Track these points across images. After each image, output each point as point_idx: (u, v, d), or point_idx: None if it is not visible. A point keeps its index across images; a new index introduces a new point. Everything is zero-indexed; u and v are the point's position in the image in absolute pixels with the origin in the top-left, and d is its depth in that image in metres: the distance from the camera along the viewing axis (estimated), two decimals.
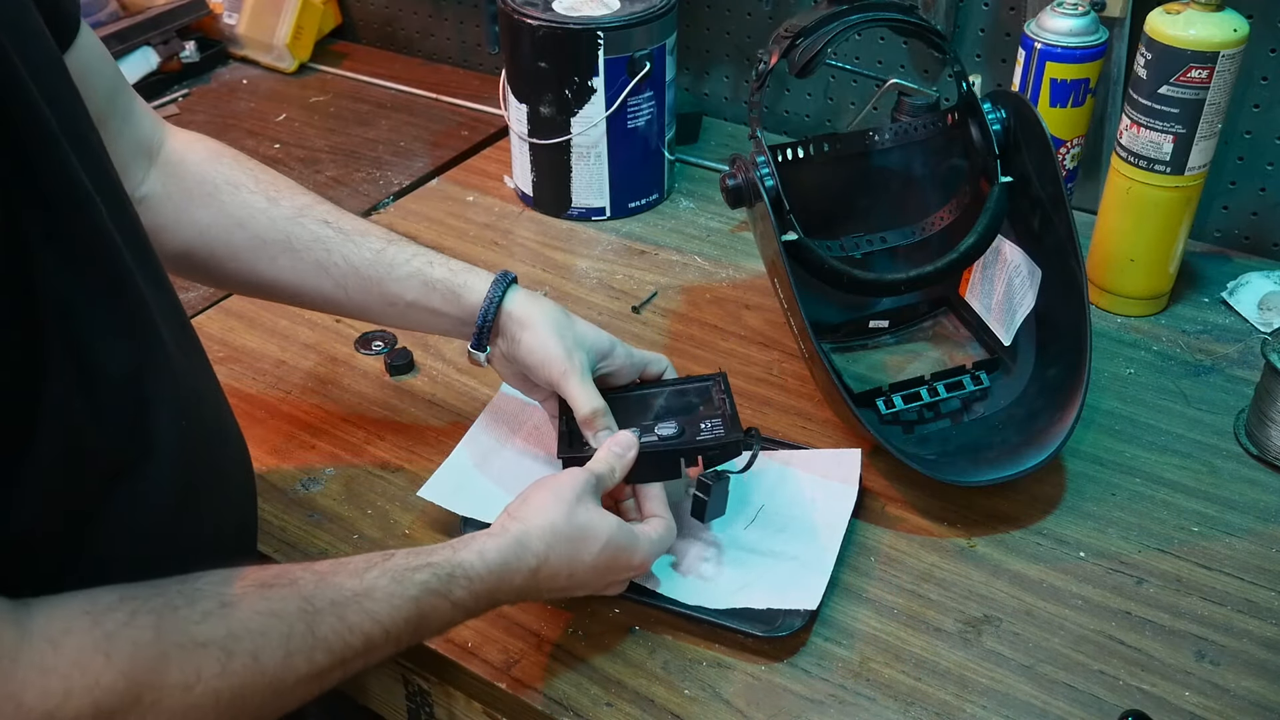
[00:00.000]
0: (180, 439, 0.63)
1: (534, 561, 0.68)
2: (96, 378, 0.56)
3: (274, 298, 0.87)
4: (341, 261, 0.82)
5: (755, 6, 1.35)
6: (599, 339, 0.83)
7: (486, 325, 0.82)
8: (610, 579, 0.73)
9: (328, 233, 0.83)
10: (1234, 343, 1.03)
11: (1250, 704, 0.71)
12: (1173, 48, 0.94)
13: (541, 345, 0.80)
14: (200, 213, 0.81)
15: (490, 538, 0.68)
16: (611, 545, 0.71)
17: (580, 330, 0.82)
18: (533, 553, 0.68)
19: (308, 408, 0.97)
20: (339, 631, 0.60)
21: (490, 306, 0.82)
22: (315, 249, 0.82)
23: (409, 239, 0.85)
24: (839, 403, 0.87)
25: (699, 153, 1.35)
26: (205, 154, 0.84)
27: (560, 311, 0.83)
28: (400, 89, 1.55)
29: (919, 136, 1.02)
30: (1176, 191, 1.00)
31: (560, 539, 0.70)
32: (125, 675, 0.51)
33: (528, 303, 0.82)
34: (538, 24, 1.13)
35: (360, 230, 0.84)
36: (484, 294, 0.82)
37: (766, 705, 0.71)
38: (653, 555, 0.74)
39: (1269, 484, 0.88)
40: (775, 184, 0.89)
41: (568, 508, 0.70)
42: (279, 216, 0.82)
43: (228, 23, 1.62)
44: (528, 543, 0.69)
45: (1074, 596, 0.78)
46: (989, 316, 1.01)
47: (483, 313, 0.82)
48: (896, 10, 0.93)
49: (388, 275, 0.82)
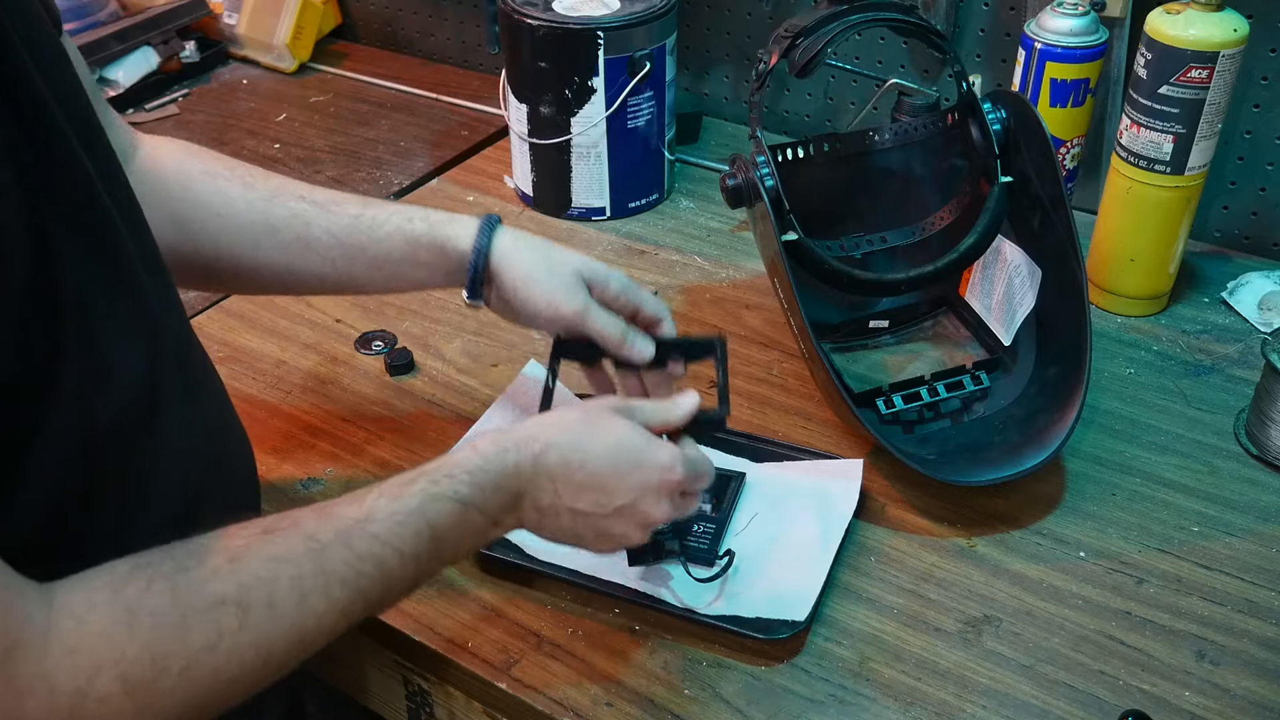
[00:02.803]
0: (186, 434, 0.63)
1: (536, 445, 0.66)
2: (108, 369, 0.56)
3: (264, 288, 0.86)
4: (322, 234, 0.82)
5: (755, 6, 1.35)
6: (593, 268, 0.82)
7: (478, 275, 0.81)
8: (639, 486, 0.68)
9: (304, 207, 0.82)
10: (1234, 343, 1.03)
11: (1250, 704, 0.71)
12: (1173, 48, 0.94)
13: (543, 293, 0.80)
14: (179, 209, 0.80)
15: (489, 435, 0.67)
16: (626, 442, 0.67)
17: (573, 264, 0.82)
18: (535, 438, 0.66)
19: (308, 408, 0.97)
20: (349, 562, 0.59)
21: (479, 257, 0.81)
22: (295, 225, 0.82)
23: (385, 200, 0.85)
24: (839, 403, 0.87)
25: (699, 153, 1.35)
26: (178, 151, 0.84)
27: (547, 249, 0.83)
28: (400, 89, 1.55)
29: (919, 136, 1.02)
30: (1176, 191, 1.00)
31: (568, 428, 0.67)
32: (149, 646, 0.51)
33: (516, 247, 0.82)
34: (538, 24, 1.13)
35: (336, 200, 0.83)
36: (470, 243, 0.81)
37: (766, 705, 0.71)
38: (685, 462, 0.69)
39: (1269, 484, 0.88)
40: (775, 184, 0.89)
41: (583, 410, 0.69)
42: (255, 199, 0.82)
43: (228, 23, 1.62)
44: (531, 430, 0.66)
45: (1074, 596, 0.78)
46: (989, 316, 1.01)
47: (472, 264, 0.81)
48: (896, 10, 0.93)
49: (369, 238, 0.82)
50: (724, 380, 0.79)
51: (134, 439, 0.59)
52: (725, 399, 0.78)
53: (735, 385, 0.99)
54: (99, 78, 1.48)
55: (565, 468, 0.66)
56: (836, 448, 0.91)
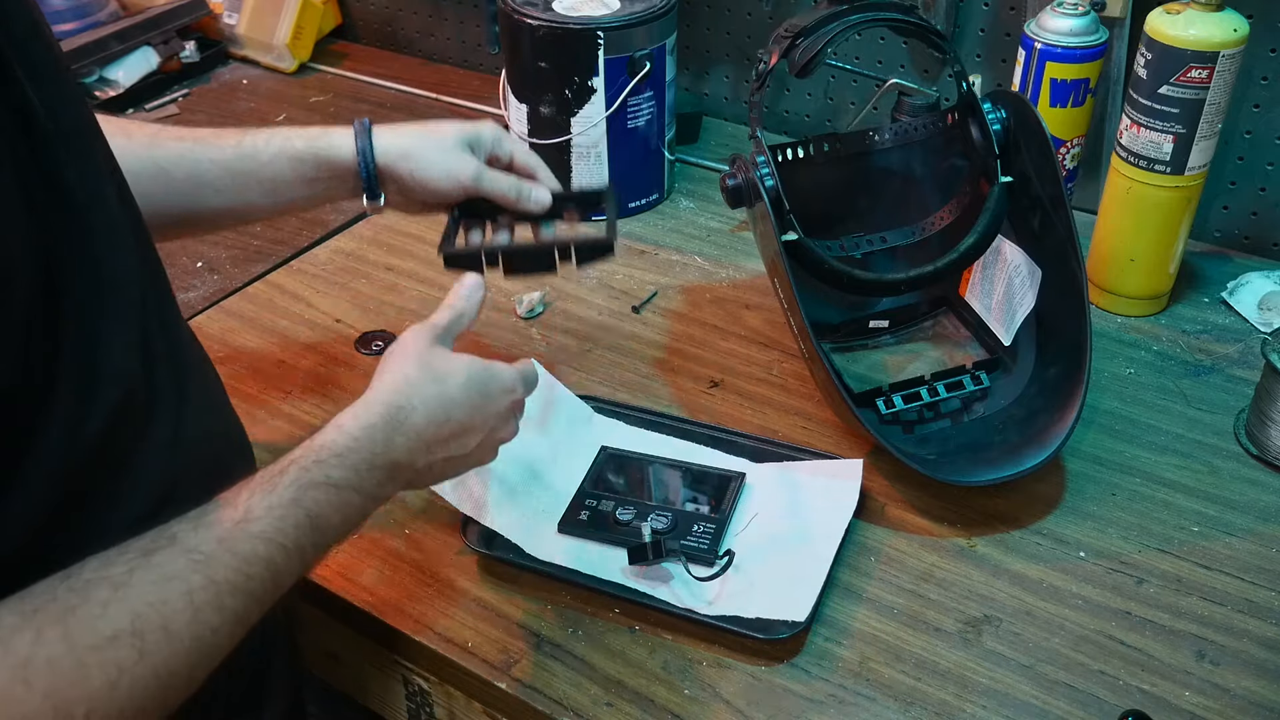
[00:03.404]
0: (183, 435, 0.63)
1: (400, 414, 0.67)
2: (104, 370, 0.56)
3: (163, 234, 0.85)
4: (210, 165, 0.83)
5: (755, 6, 1.35)
6: (471, 132, 0.87)
7: (371, 176, 0.85)
8: (494, 415, 0.72)
9: (186, 146, 0.84)
10: (1234, 343, 1.03)
11: (1250, 704, 0.71)
12: (1173, 48, 0.94)
13: (438, 169, 0.85)
14: None
15: (346, 410, 0.67)
16: (474, 378, 0.71)
17: (453, 133, 0.87)
18: (396, 405, 0.67)
19: (308, 408, 0.97)
20: (237, 568, 0.57)
21: (366, 158, 0.85)
22: (183, 164, 0.83)
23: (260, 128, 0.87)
24: (839, 403, 0.87)
25: (699, 153, 1.35)
26: None
27: (424, 129, 0.87)
28: (400, 89, 1.55)
29: (919, 136, 1.02)
30: (1176, 191, 1.00)
31: (419, 384, 0.69)
32: (49, 697, 0.49)
33: (397, 137, 0.86)
34: (538, 24, 1.13)
35: (214, 133, 0.85)
36: (352, 148, 0.85)
37: (766, 705, 0.71)
38: (522, 380, 0.75)
39: (1269, 484, 0.88)
40: (775, 184, 0.89)
41: (417, 358, 0.70)
42: (137, 147, 0.82)
43: (228, 23, 1.62)
44: (386, 398, 0.67)
45: (1074, 596, 0.78)
46: (989, 316, 1.01)
47: (362, 166, 0.85)
48: (896, 10, 0.93)
49: (255, 163, 0.84)
50: (614, 214, 0.89)
51: (129, 440, 0.59)
52: (613, 228, 0.87)
53: (736, 385, 0.99)
54: (98, 78, 1.48)
55: (433, 425, 0.68)
56: (836, 448, 0.91)
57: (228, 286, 1.14)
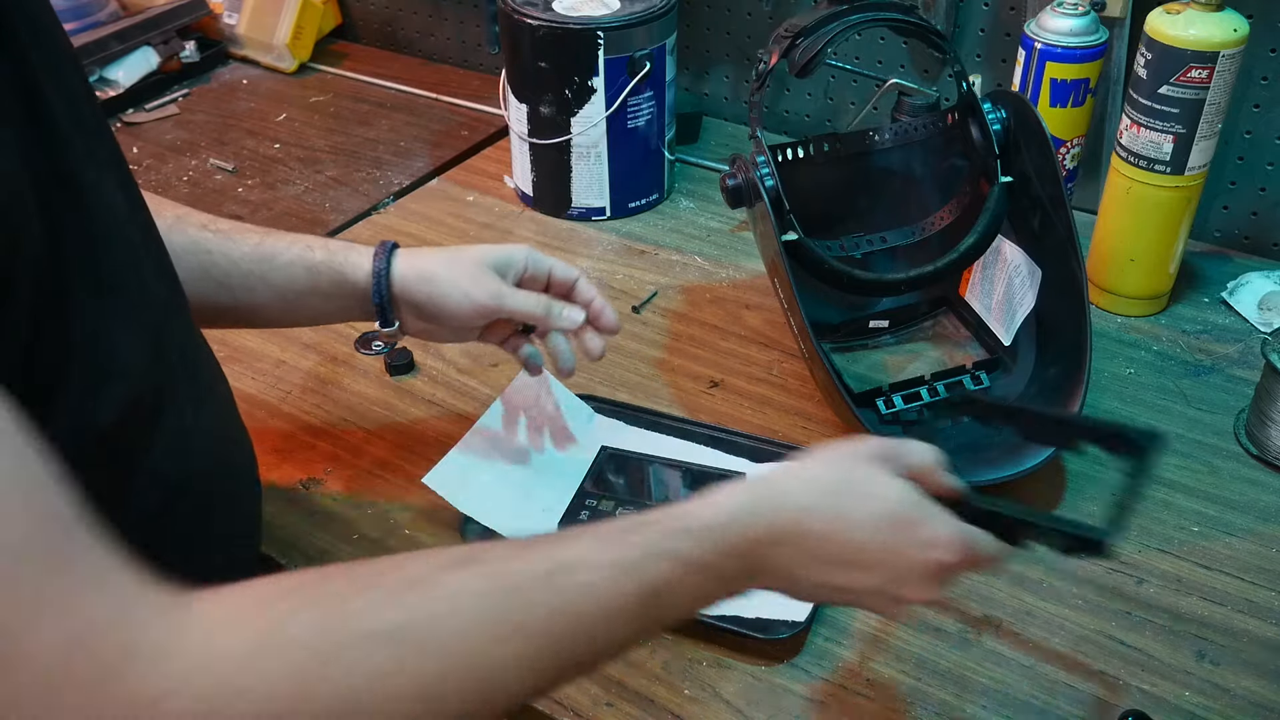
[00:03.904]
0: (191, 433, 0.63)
1: (788, 516, 0.56)
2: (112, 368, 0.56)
3: None
4: (223, 259, 0.80)
5: (755, 6, 1.35)
6: (498, 255, 0.82)
7: (384, 298, 0.81)
8: (903, 565, 0.58)
9: (205, 235, 0.81)
10: (1234, 343, 1.03)
11: (1250, 704, 0.71)
12: (1173, 48, 0.94)
13: (454, 290, 0.79)
14: None
15: (726, 486, 0.58)
16: (901, 512, 0.57)
17: (476, 256, 0.81)
18: (786, 505, 0.56)
19: (308, 408, 0.97)
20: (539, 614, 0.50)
21: (380, 280, 0.80)
22: (196, 253, 0.80)
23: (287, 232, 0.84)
24: (839, 402, 0.87)
25: (699, 153, 1.35)
26: None
27: (448, 251, 0.82)
28: (400, 89, 1.55)
29: (919, 136, 1.02)
30: (1176, 191, 1.00)
31: (825, 490, 0.57)
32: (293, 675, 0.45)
33: (415, 259, 0.81)
34: (538, 24, 1.13)
35: (237, 228, 0.82)
36: (368, 269, 0.80)
37: (766, 705, 0.71)
38: (963, 544, 0.59)
39: (1269, 484, 0.88)
40: (775, 184, 0.89)
41: (839, 461, 0.59)
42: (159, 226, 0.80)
43: (228, 23, 1.62)
44: (782, 490, 0.57)
45: (1074, 596, 0.78)
46: (989, 316, 1.01)
47: (375, 289, 0.80)
48: (896, 10, 0.93)
49: (270, 267, 0.80)
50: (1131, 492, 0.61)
51: (140, 434, 0.59)
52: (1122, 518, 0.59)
53: (736, 385, 0.98)
54: (98, 78, 1.48)
55: (821, 541, 0.57)
56: None
57: None
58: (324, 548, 0.83)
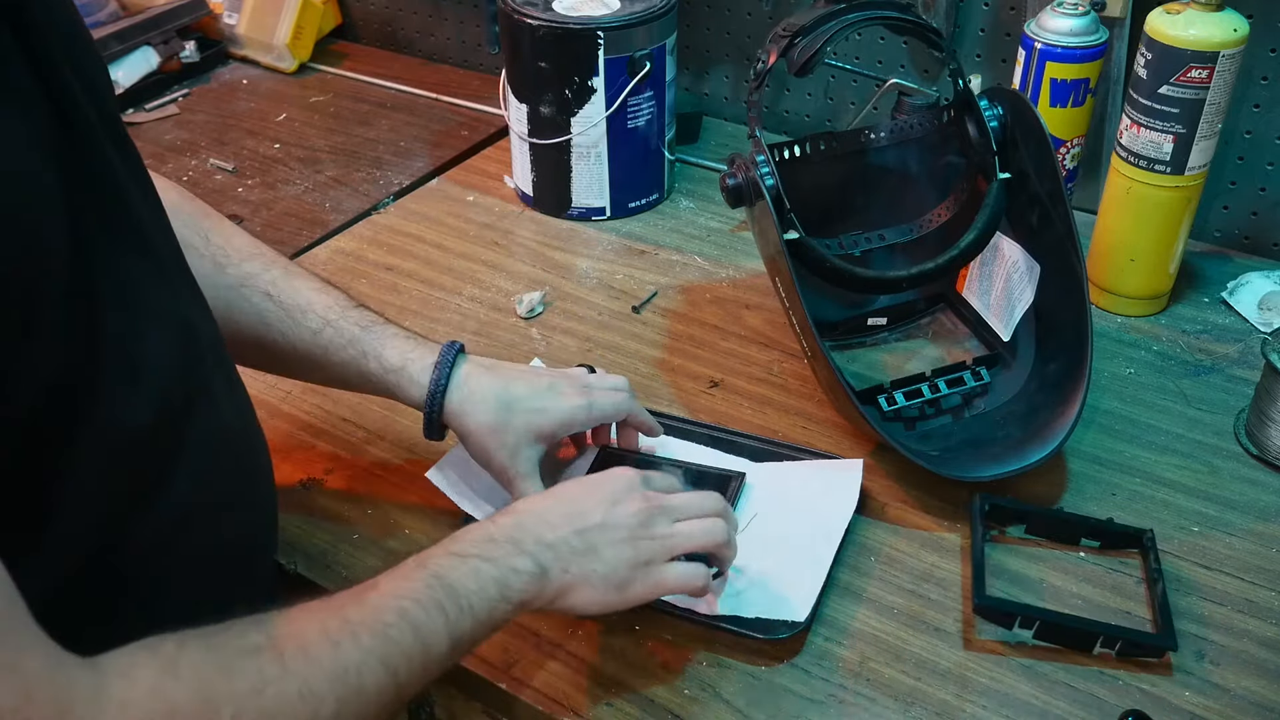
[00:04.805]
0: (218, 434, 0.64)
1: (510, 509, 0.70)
2: (142, 368, 0.57)
3: None
4: (280, 339, 0.80)
5: (755, 6, 1.35)
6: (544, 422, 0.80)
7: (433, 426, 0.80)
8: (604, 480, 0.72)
9: (268, 306, 0.80)
10: (1234, 343, 1.03)
11: (1250, 704, 0.71)
12: (1173, 48, 0.94)
13: (482, 451, 0.80)
14: None
15: None
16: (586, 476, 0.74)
17: (530, 424, 0.79)
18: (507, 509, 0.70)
19: (308, 408, 0.97)
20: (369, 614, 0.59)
21: (433, 410, 0.79)
22: (255, 323, 0.80)
23: (356, 306, 0.82)
24: (842, 399, 0.87)
25: (699, 153, 1.35)
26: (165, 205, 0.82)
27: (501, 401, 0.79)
28: (400, 89, 1.55)
29: (916, 134, 1.02)
30: (1176, 191, 1.00)
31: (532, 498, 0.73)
32: (197, 691, 0.51)
33: (467, 399, 0.79)
34: (538, 24, 1.13)
35: (301, 305, 0.80)
36: (422, 394, 0.79)
37: (766, 705, 0.71)
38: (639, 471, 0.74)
39: (1269, 484, 0.88)
40: (775, 183, 0.89)
41: None
42: (222, 285, 0.79)
43: (228, 23, 1.62)
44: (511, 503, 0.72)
45: (1074, 596, 0.78)
46: (988, 312, 1.01)
47: (426, 417, 0.80)
48: (895, 9, 0.93)
49: (325, 359, 0.81)
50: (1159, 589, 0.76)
51: (171, 438, 0.60)
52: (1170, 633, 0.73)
53: (736, 385, 0.99)
54: None
55: (537, 500, 0.71)
56: (837, 447, 0.91)
57: None
58: (324, 548, 0.83)
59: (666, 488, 0.74)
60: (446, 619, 0.61)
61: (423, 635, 0.60)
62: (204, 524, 0.64)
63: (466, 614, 0.63)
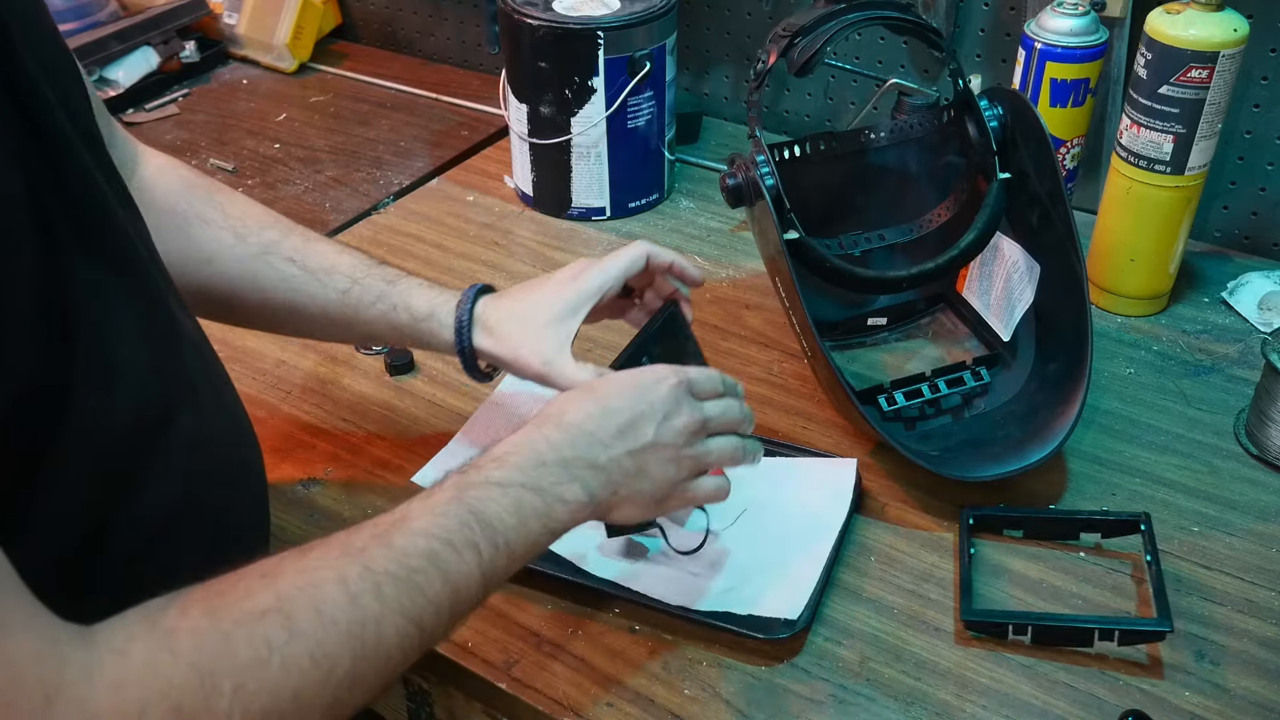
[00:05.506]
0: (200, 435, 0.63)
1: (554, 416, 0.66)
2: (117, 371, 0.56)
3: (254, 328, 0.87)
4: (309, 301, 0.81)
5: (755, 6, 1.35)
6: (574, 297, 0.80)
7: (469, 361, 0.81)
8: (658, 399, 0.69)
9: (293, 271, 0.81)
10: (1234, 343, 1.03)
11: (1250, 704, 0.71)
12: (1173, 48, 0.94)
13: (511, 352, 0.79)
14: (172, 245, 0.79)
15: None
16: (624, 377, 0.70)
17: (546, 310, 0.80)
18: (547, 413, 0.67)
19: (308, 408, 0.97)
20: (396, 559, 0.56)
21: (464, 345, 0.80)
22: (283, 290, 0.81)
23: (378, 264, 0.83)
24: (842, 399, 0.87)
25: (699, 153, 1.35)
26: (177, 184, 0.82)
27: (531, 299, 0.81)
28: (400, 89, 1.55)
29: (916, 134, 1.02)
30: (1176, 191, 1.00)
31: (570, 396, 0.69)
32: (194, 667, 0.49)
33: (488, 317, 0.80)
34: (538, 24, 1.13)
35: (326, 267, 0.82)
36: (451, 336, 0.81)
37: (766, 705, 0.71)
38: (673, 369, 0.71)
39: (1269, 484, 0.88)
40: (775, 183, 0.89)
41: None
42: (245, 255, 0.80)
43: (228, 23, 1.62)
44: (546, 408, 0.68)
45: (1074, 596, 0.78)
46: (988, 312, 1.01)
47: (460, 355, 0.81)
48: (895, 9, 0.93)
49: (356, 317, 0.82)
50: None
51: (150, 441, 0.59)
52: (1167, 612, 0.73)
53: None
54: (98, 78, 1.48)
55: (591, 418, 0.67)
56: (837, 447, 0.91)
57: None
58: None
59: (708, 390, 0.73)
60: (480, 559, 0.59)
61: (452, 579, 0.57)
62: (189, 528, 0.63)
63: (502, 552, 0.60)
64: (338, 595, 0.53)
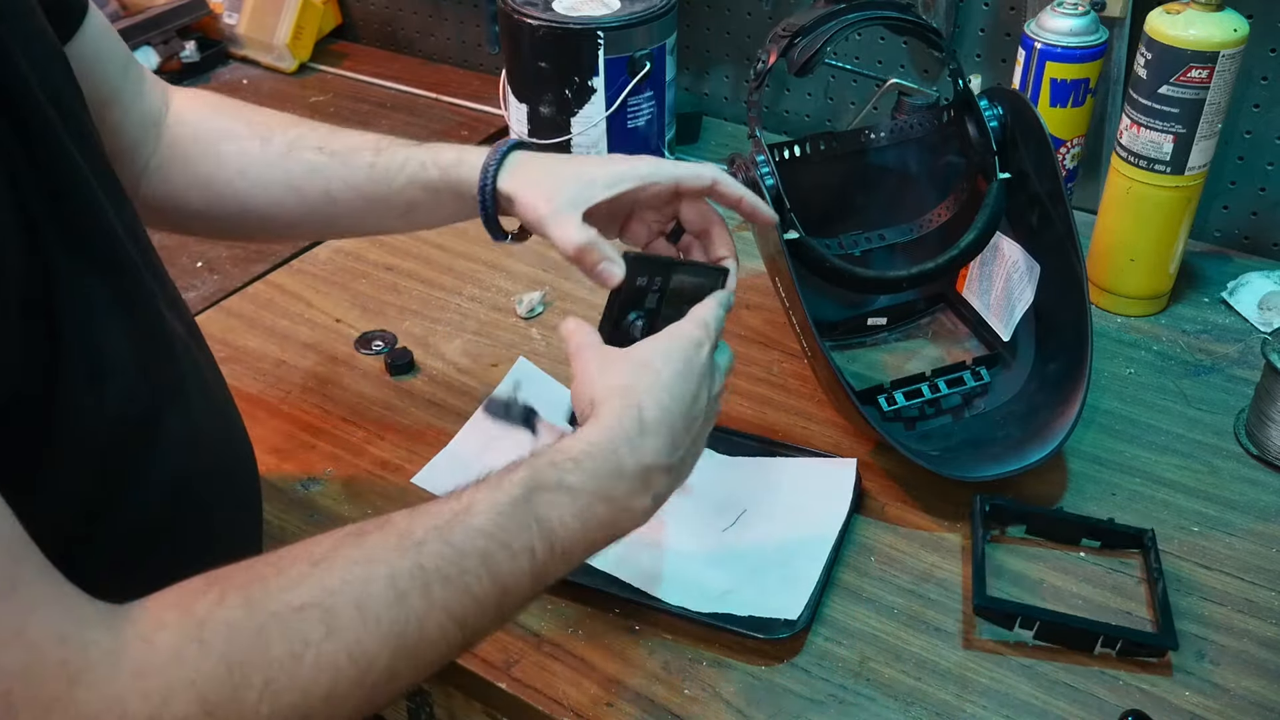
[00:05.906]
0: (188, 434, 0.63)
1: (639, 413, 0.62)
2: (104, 370, 0.56)
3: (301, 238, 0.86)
4: (342, 186, 0.79)
5: (755, 6, 1.35)
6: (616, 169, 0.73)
7: (489, 215, 0.76)
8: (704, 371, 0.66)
9: (321, 160, 0.80)
10: (1234, 343, 1.03)
11: (1250, 704, 0.71)
12: (1173, 48, 0.94)
13: (523, 189, 0.74)
14: (204, 169, 0.80)
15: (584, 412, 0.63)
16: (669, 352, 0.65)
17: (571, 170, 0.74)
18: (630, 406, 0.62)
19: (308, 408, 0.97)
20: (450, 558, 0.54)
21: (486, 183, 0.75)
22: (315, 181, 0.80)
23: (402, 141, 0.81)
24: (842, 399, 0.87)
25: (699, 153, 1.35)
26: (205, 110, 0.83)
27: (551, 161, 0.76)
28: (400, 89, 1.55)
29: (916, 134, 1.02)
30: (1176, 191, 1.00)
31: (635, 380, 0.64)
32: (224, 658, 0.47)
33: (518, 168, 0.75)
34: (538, 24, 1.13)
35: (351, 148, 0.80)
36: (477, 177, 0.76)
37: (766, 705, 0.71)
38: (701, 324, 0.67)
39: (1269, 484, 0.88)
40: (775, 183, 0.89)
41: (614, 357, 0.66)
42: (274, 156, 0.80)
43: (228, 23, 1.62)
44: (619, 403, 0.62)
45: (1074, 596, 0.78)
46: (987, 312, 1.01)
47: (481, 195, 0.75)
48: (895, 9, 0.93)
49: (387, 189, 0.79)
50: None
51: (138, 438, 0.59)
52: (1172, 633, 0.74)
53: (735, 385, 0.99)
54: None
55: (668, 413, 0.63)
56: (837, 447, 0.91)
57: (228, 286, 1.14)
58: None
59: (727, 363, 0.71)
60: (534, 562, 0.57)
61: (502, 580, 0.55)
62: (179, 526, 0.63)
63: (558, 558, 0.58)
64: (385, 593, 0.52)
